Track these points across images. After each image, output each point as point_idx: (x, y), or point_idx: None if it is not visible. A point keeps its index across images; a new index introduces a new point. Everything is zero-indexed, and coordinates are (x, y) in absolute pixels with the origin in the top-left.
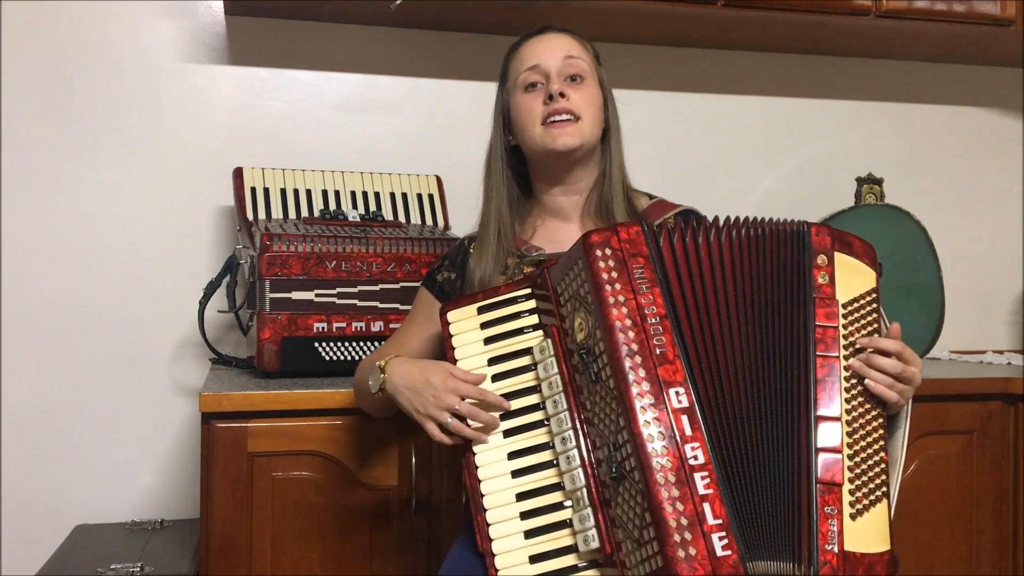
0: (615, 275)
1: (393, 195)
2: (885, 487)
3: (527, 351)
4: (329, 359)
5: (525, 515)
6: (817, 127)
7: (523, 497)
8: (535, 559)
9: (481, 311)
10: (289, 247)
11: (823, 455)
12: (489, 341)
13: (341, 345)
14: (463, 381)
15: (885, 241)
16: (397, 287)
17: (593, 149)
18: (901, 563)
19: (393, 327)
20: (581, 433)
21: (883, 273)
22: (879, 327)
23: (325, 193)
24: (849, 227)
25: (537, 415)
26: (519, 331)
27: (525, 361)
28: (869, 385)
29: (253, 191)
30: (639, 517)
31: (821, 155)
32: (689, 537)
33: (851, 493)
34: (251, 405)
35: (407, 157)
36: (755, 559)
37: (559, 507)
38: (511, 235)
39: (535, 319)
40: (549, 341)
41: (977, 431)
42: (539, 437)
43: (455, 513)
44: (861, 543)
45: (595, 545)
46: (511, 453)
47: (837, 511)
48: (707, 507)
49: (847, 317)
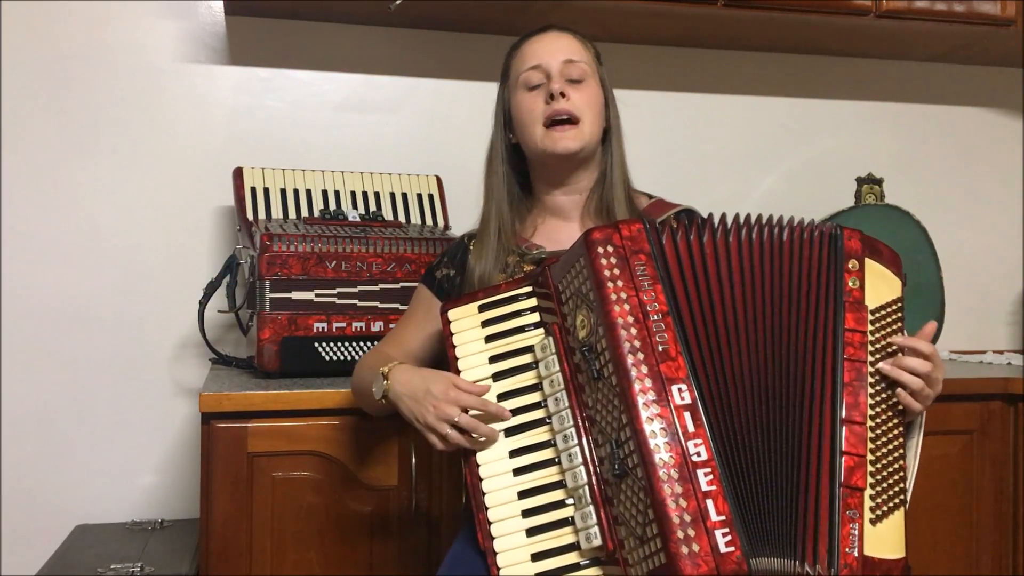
0: (617, 272)
1: (393, 195)
2: (903, 494)
3: (528, 349)
4: (329, 359)
5: (527, 513)
6: (817, 127)
7: (525, 495)
8: (537, 557)
9: (482, 309)
10: (289, 247)
11: (847, 458)
12: (490, 339)
13: (341, 345)
14: (465, 392)
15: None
16: (397, 287)
17: (594, 150)
18: None
19: (393, 327)
20: (583, 431)
21: (906, 283)
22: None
23: (325, 193)
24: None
25: (539, 413)
26: (520, 329)
27: (526, 359)
28: (899, 393)
29: (253, 191)
30: (642, 514)
31: (821, 155)
32: (692, 534)
33: (872, 499)
34: (251, 405)
35: (407, 157)
36: (759, 556)
37: (561, 505)
38: (511, 233)
39: (536, 317)
40: (550, 339)
41: (977, 431)
42: (541, 435)
43: (455, 512)
44: (879, 548)
45: (597, 543)
46: (513, 451)
47: (859, 515)
48: (710, 503)
49: (874, 324)
